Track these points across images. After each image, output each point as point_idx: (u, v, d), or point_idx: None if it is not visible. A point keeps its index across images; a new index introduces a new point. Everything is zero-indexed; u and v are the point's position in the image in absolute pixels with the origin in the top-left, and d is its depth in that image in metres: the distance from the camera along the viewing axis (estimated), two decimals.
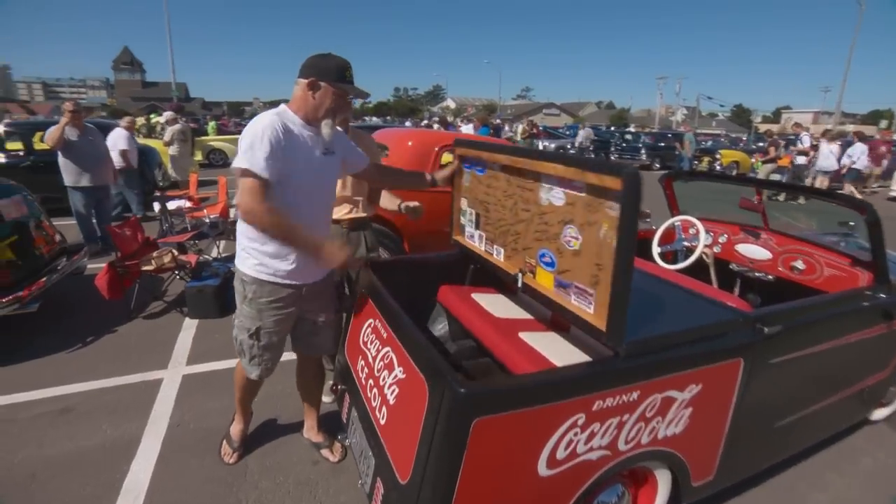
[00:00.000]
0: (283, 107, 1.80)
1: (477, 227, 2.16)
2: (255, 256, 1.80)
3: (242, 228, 1.80)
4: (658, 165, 17.07)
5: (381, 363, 1.65)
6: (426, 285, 2.30)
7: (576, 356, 1.63)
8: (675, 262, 2.86)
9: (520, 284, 1.78)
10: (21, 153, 7.41)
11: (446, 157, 6.20)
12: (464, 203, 2.27)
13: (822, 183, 10.48)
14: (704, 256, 2.73)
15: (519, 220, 1.79)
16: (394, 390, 1.51)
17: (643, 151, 17.45)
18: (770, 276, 2.75)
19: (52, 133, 4.91)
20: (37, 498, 2.01)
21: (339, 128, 1.99)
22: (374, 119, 44.48)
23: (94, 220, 5.38)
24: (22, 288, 3.29)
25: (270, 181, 1.64)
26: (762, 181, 2.85)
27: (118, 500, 1.99)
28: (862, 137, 11.30)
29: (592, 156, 18.61)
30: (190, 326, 3.64)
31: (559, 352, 1.65)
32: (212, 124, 18.15)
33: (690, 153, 13.79)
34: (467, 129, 12.81)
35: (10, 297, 3.19)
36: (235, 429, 2.30)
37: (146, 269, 3.70)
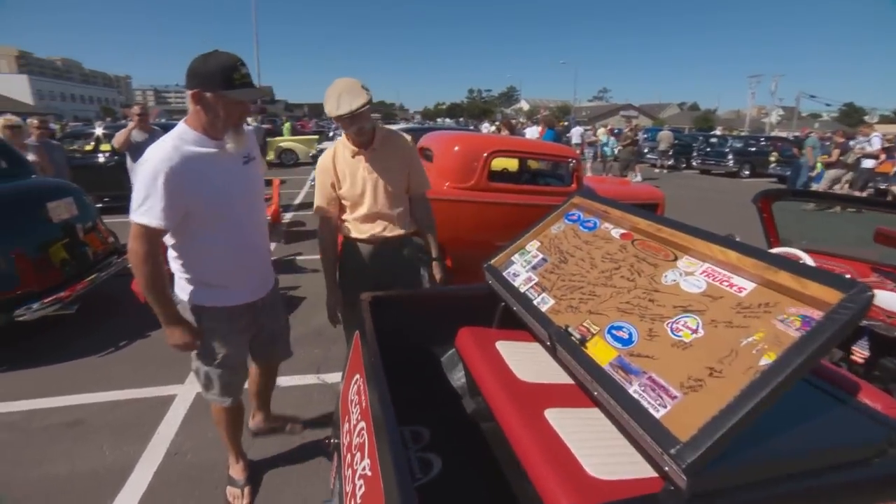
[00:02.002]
0: (182, 126, 1.58)
1: (533, 269, 1.76)
2: (205, 284, 1.70)
3: (179, 259, 1.68)
4: (747, 173, 15.37)
5: (357, 440, 1.29)
6: (446, 325, 1.92)
7: (623, 465, 1.16)
8: None
9: (556, 338, 1.36)
10: (108, 153, 8.03)
11: (499, 163, 5.80)
12: (532, 244, 1.90)
13: None
14: None
15: (608, 285, 1.45)
16: (360, 486, 1.15)
17: (730, 157, 15.78)
18: None
19: (119, 136, 5.12)
20: None
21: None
22: (447, 120, 44.70)
23: None
24: (64, 288, 3.34)
25: (168, 229, 1.53)
26: None
27: None
28: None
29: (672, 161, 17.12)
30: None
31: (599, 453, 1.19)
32: (287, 125, 18.94)
33: (813, 162, 11.02)
34: (532, 133, 12.18)
35: (52, 297, 3.24)
36: (236, 469, 2.09)
37: None
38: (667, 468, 0.93)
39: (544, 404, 1.39)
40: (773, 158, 14.64)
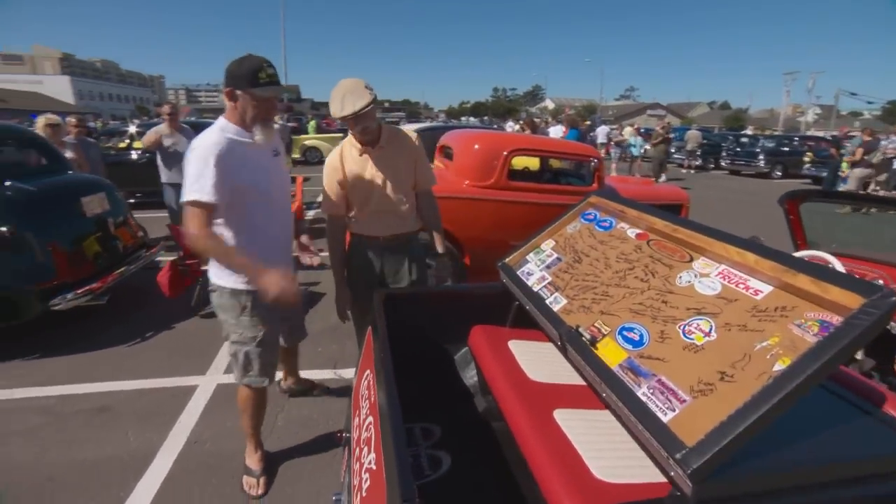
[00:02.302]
0: (222, 120, 1.79)
1: (547, 268, 1.74)
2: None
3: None
4: (779, 174, 14.84)
5: (366, 434, 1.31)
6: (460, 323, 1.92)
7: (632, 469, 1.14)
8: None
9: (566, 338, 1.35)
10: (140, 150, 8.31)
11: (519, 161, 5.75)
12: (548, 243, 1.89)
13: None
14: None
15: (621, 285, 1.42)
16: (366, 479, 1.16)
17: (761, 157, 15.25)
18: None
19: (148, 136, 5.27)
20: None
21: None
22: (472, 119, 44.54)
23: None
24: (96, 280, 3.48)
25: (219, 204, 1.68)
26: None
27: None
28: None
29: (700, 161, 16.66)
30: None
31: (607, 455, 1.17)
32: (312, 123, 19.21)
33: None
34: (555, 132, 12.03)
35: (85, 288, 3.37)
36: (253, 458, 2.14)
37: (204, 269, 3.74)
38: (672, 473, 0.91)
39: (554, 405, 1.37)
40: (807, 159, 14.10)
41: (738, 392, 0.92)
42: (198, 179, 1.64)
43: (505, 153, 3.82)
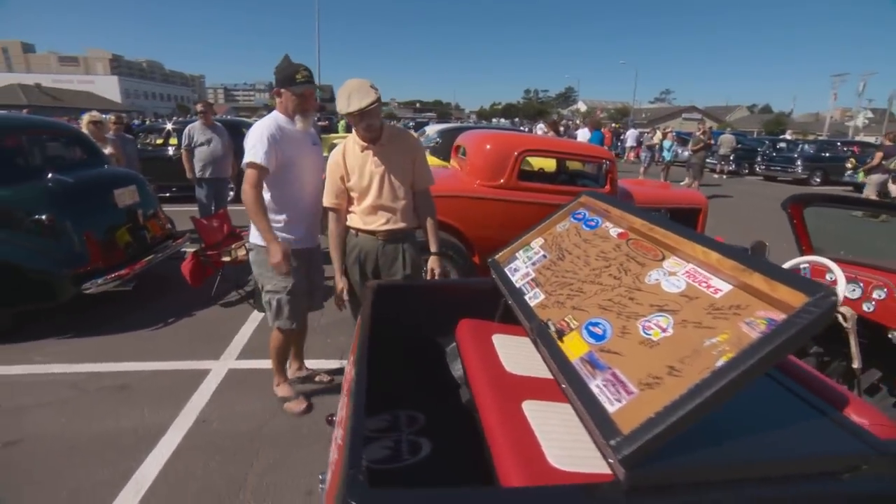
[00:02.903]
0: (275, 112, 2.27)
1: (532, 265, 1.80)
2: (280, 230, 2.25)
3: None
4: (818, 180, 14.21)
5: (341, 413, 1.39)
6: (451, 316, 1.98)
7: (588, 459, 1.18)
8: None
9: (536, 332, 1.40)
10: (175, 146, 8.74)
11: (537, 162, 5.75)
12: (537, 241, 1.94)
13: None
14: (842, 319, 1.96)
15: (596, 282, 1.47)
16: (335, 453, 1.24)
17: (799, 163, 14.62)
18: None
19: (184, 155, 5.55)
20: (63, 471, 2.14)
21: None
22: (503, 120, 44.42)
23: (213, 209, 6.00)
24: (125, 267, 3.71)
25: (269, 169, 2.12)
26: None
27: (121, 492, 2.03)
28: None
29: (733, 166, 16.15)
30: (255, 319, 3.78)
31: (566, 446, 1.22)
32: (342, 122, 19.61)
33: None
34: (583, 135, 11.90)
35: (114, 274, 3.60)
36: (284, 388, 2.65)
37: (224, 260, 3.93)
38: (610, 460, 0.95)
39: (524, 396, 1.42)
40: (849, 165, 13.44)
41: (680, 385, 0.95)
42: (254, 146, 2.10)
43: (516, 154, 3.85)
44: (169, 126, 9.42)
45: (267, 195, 2.21)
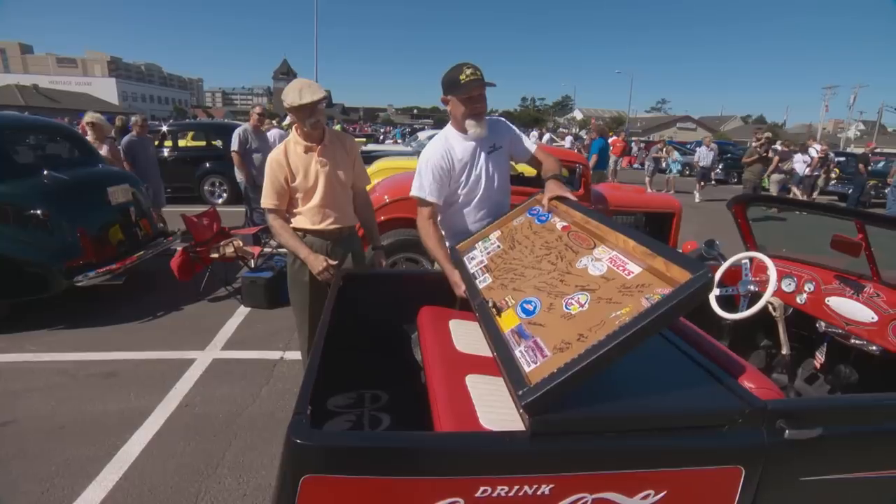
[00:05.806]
0: (448, 126, 2.15)
1: (488, 254, 1.97)
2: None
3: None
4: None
5: None
6: (414, 304, 2.14)
7: (517, 423, 1.34)
8: (737, 309, 2.30)
9: (477, 309, 1.58)
10: (170, 148, 8.91)
11: (519, 167, 5.92)
12: (494, 234, 2.11)
13: None
14: (771, 308, 2.14)
15: (536, 267, 1.64)
16: None
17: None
18: (874, 347, 2.06)
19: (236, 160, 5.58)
20: (52, 448, 2.29)
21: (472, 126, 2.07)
22: None
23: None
24: (115, 262, 3.86)
25: (437, 203, 2.09)
26: (868, 214, 2.06)
27: (105, 468, 2.17)
28: None
29: (722, 172, 16.42)
30: (241, 313, 3.93)
31: (498, 411, 1.38)
32: (337, 127, 19.88)
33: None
34: (567, 141, 12.14)
35: (105, 268, 3.75)
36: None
37: (213, 257, 4.08)
38: (520, 411, 1.11)
39: (468, 371, 1.58)
40: (833, 175, 13.75)
41: (583, 348, 1.12)
42: (417, 177, 2.08)
43: None
44: (164, 128, 9.59)
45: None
